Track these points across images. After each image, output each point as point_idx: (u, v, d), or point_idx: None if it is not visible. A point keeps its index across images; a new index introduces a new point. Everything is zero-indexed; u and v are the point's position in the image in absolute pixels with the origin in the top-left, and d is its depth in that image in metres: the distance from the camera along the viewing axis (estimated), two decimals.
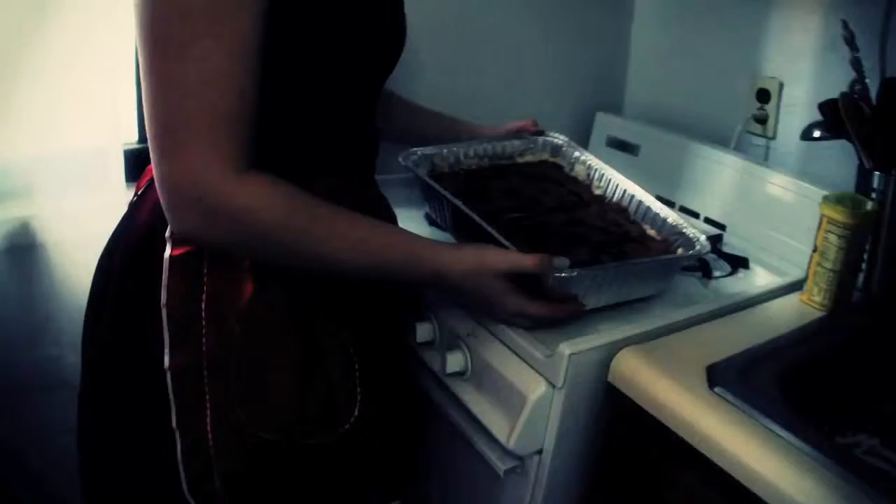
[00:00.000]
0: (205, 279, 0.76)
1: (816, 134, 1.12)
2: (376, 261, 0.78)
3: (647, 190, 1.07)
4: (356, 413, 0.81)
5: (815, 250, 1.00)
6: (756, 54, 1.31)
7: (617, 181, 1.10)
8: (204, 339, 0.75)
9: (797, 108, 1.28)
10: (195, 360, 0.75)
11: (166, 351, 0.75)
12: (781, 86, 1.30)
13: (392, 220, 0.93)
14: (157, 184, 0.70)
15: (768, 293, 1.04)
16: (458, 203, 0.94)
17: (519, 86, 1.48)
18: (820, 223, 0.98)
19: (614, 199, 1.09)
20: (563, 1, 1.49)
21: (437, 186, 0.98)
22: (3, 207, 1.11)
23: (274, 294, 0.78)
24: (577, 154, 1.17)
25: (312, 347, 0.80)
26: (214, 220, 0.70)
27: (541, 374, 0.85)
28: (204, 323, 0.76)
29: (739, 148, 1.33)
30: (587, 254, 0.92)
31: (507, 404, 0.88)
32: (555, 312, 0.85)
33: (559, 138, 1.19)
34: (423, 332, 0.99)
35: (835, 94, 1.05)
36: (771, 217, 1.19)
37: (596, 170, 1.13)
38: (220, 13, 0.66)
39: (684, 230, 0.99)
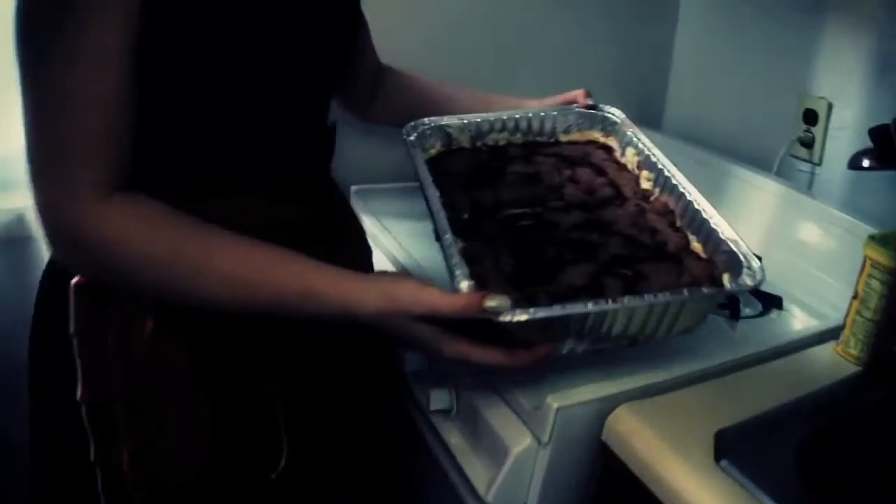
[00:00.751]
0: (110, 309, 0.69)
1: (865, 163, 1.00)
2: (265, 298, 0.67)
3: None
4: (283, 463, 0.74)
5: (855, 296, 0.89)
6: (805, 72, 1.22)
7: (670, 173, 0.85)
8: (112, 372, 0.70)
9: (846, 132, 1.16)
10: (106, 393, 0.70)
11: (79, 382, 0.70)
12: (830, 107, 1.19)
13: (349, 239, 0.85)
14: None
15: (799, 341, 0.93)
16: (431, 192, 0.79)
17: (553, 93, 1.41)
18: (863, 266, 0.88)
19: (662, 196, 0.86)
20: (606, 10, 1.44)
21: (422, 167, 0.84)
22: None
23: (174, 330, 0.70)
24: (631, 134, 0.93)
25: (221, 391, 0.72)
26: (76, 250, 0.65)
27: (526, 427, 0.77)
28: (111, 355, 0.70)
29: (782, 173, 1.24)
30: (585, 276, 0.71)
31: (490, 453, 0.79)
32: (510, 362, 0.68)
33: (615, 114, 0.97)
34: (413, 360, 0.91)
35: (888, 119, 0.94)
36: (811, 252, 1.09)
37: (648, 156, 0.89)
38: (79, 31, 0.60)
39: (735, 248, 0.73)
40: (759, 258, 0.73)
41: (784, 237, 1.14)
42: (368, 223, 1.14)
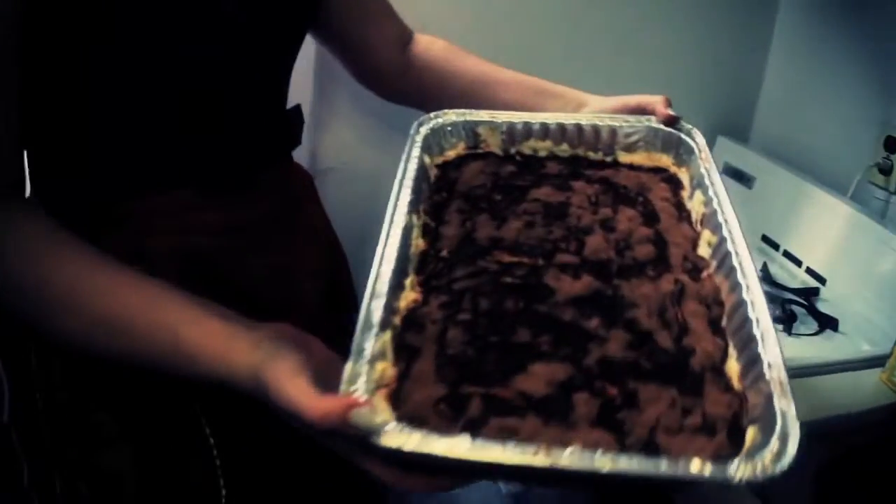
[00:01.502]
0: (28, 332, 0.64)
1: None
2: (135, 347, 0.57)
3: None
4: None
5: None
6: (890, 99, 1.19)
7: (735, 244, 0.61)
8: (37, 396, 0.66)
9: None
10: (32, 419, 0.66)
11: (6, 402, 0.67)
12: None
13: (305, 235, 0.76)
14: None
15: (846, 363, 0.95)
16: (393, 218, 0.62)
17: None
18: None
19: (718, 275, 0.62)
20: (702, 13, 1.39)
21: (409, 170, 0.67)
22: None
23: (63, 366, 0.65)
24: (705, 172, 0.70)
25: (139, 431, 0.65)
26: None
27: None
28: (32, 379, 0.66)
29: (857, 197, 1.22)
30: (550, 383, 0.52)
31: None
32: (402, 482, 0.53)
33: (695, 138, 0.74)
34: None
35: None
36: (876, 281, 1.09)
37: (716, 211, 0.65)
38: None
39: (776, 396, 0.49)
40: (824, 280, 0.82)
41: (851, 261, 1.13)
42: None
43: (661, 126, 0.76)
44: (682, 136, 0.75)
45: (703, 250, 0.65)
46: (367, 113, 1.23)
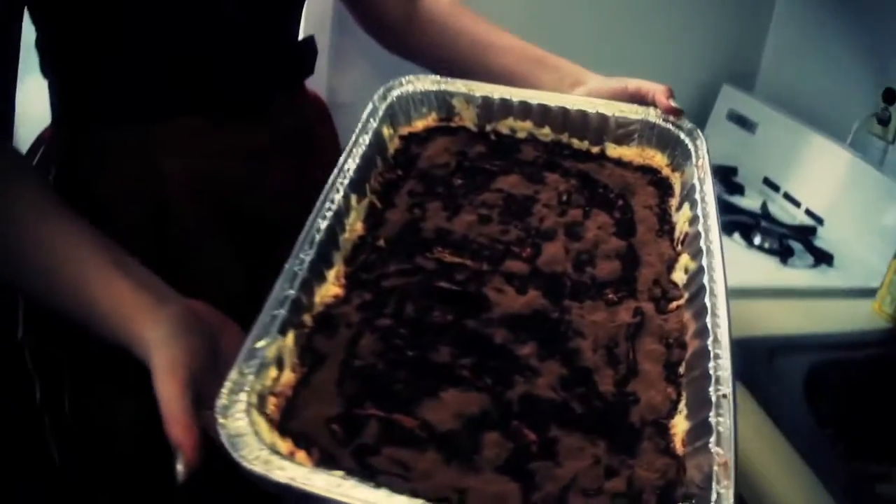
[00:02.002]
0: None
1: None
2: (53, 298, 0.57)
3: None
4: None
5: (895, 257, 0.98)
6: (891, 52, 1.22)
7: (714, 280, 0.52)
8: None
9: None
10: (44, 337, 0.69)
11: (20, 320, 0.70)
12: None
13: (317, 164, 0.72)
14: None
15: (840, 291, 1.04)
16: (328, 195, 0.55)
17: (639, 45, 1.40)
18: None
19: (688, 309, 0.53)
20: None
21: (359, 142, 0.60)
22: None
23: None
24: (698, 183, 0.61)
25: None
26: None
27: None
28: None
29: (856, 146, 1.24)
30: (458, 418, 0.45)
31: None
32: None
33: (697, 141, 0.65)
34: None
35: None
36: (871, 223, 1.15)
37: (699, 233, 0.56)
38: None
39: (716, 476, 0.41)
40: (822, 220, 0.95)
41: (848, 204, 1.20)
42: None
43: (660, 121, 0.67)
44: (682, 135, 0.66)
45: (679, 276, 0.57)
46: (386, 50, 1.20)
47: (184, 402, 0.47)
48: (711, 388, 0.45)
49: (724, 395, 0.45)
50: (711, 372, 0.46)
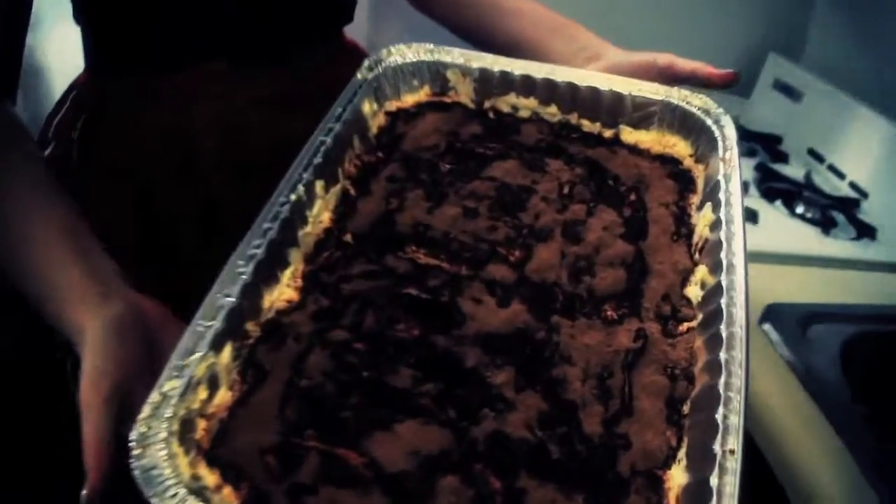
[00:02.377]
0: None
1: None
2: (24, 276, 0.55)
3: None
4: None
5: None
6: None
7: (734, 301, 0.44)
8: None
9: None
10: None
11: None
12: None
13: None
14: None
15: (882, 265, 1.03)
16: (292, 180, 0.49)
17: (682, 9, 1.39)
18: None
19: (702, 335, 0.45)
20: None
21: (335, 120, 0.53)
22: None
23: None
24: (723, 180, 0.52)
25: None
26: None
27: None
28: None
29: None
30: (413, 458, 0.39)
31: None
32: None
33: (725, 129, 0.55)
34: None
35: None
36: None
37: (720, 242, 0.48)
38: None
39: None
40: (866, 194, 0.98)
41: (894, 178, 1.16)
42: None
43: (684, 103, 0.57)
44: (708, 121, 0.56)
45: (693, 291, 0.48)
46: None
47: (100, 421, 0.46)
48: (717, 441, 0.37)
49: (732, 451, 0.37)
50: (719, 419, 0.38)
